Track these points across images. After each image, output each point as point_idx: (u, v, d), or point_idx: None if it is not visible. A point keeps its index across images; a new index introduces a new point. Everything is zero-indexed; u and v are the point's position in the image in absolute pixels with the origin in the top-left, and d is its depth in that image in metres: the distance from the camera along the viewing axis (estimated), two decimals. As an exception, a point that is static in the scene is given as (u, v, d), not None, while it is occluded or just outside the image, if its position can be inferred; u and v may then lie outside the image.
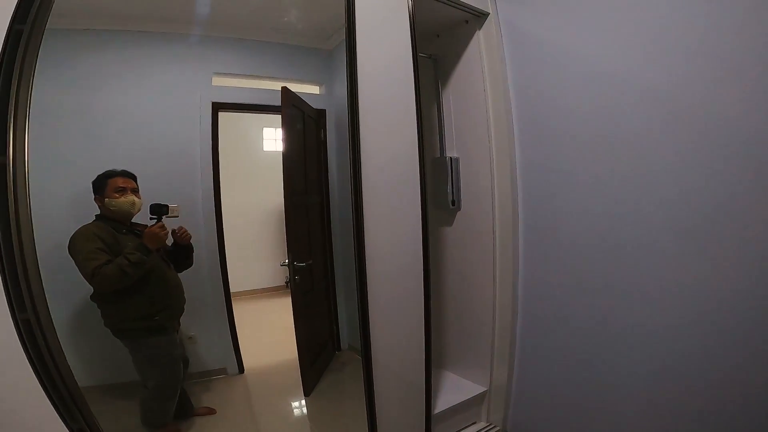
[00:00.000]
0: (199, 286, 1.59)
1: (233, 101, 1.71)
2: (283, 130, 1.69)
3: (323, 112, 1.86)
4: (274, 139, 2.21)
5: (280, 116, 1.68)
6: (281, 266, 1.71)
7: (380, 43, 1.47)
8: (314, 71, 1.85)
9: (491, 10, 1.80)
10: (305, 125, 1.83)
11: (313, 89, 1.87)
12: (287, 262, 1.69)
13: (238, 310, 1.69)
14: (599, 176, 1.51)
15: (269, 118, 2.04)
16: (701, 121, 1.23)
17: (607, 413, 1.55)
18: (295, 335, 1.70)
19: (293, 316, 1.71)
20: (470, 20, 1.84)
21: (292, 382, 1.74)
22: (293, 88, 1.71)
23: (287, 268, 1.69)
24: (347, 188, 1.41)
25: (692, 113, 1.25)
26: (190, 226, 1.50)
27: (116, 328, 1.34)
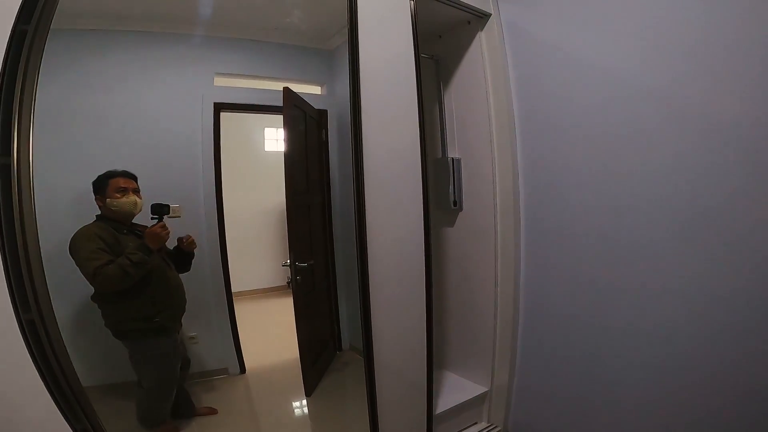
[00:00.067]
0: (200, 286, 1.59)
1: (235, 101, 1.71)
2: (284, 130, 1.69)
3: (325, 112, 1.86)
4: (275, 139, 2.21)
5: (281, 116, 1.68)
6: (283, 266, 1.71)
7: (382, 43, 1.47)
8: (316, 72, 1.85)
9: (493, 11, 1.80)
10: (307, 125, 1.83)
11: (314, 89, 1.87)
12: (289, 262, 1.69)
13: (239, 310, 1.69)
14: (601, 177, 1.51)
15: (271, 118, 2.05)
16: (701, 119, 1.24)
17: (607, 413, 1.55)
18: (296, 335, 1.70)
19: (295, 315, 1.71)
20: (472, 21, 1.84)
21: (293, 382, 1.74)
22: (295, 88, 1.71)
23: (289, 268, 1.69)
24: (348, 188, 1.41)
25: (692, 112, 1.26)
26: (191, 226, 1.50)
27: (117, 328, 1.34)
